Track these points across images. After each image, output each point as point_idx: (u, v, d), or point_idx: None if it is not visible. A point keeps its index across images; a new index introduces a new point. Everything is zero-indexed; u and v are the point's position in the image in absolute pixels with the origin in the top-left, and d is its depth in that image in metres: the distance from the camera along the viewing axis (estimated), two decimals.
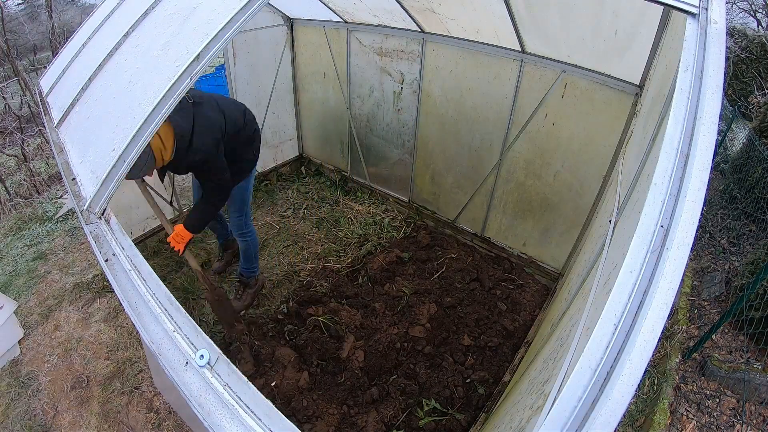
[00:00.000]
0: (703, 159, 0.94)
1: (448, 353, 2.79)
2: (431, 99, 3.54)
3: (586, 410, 0.71)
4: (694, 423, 2.54)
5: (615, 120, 2.58)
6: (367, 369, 2.68)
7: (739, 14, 9.43)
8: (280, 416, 0.86)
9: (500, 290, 3.32)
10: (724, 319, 2.72)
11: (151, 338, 1.02)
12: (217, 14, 1.47)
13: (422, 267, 3.54)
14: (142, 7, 1.84)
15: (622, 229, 1.34)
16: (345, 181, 4.77)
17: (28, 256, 3.90)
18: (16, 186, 6.68)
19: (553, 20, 2.41)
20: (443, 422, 2.41)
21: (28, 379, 2.80)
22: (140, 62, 1.61)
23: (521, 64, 2.88)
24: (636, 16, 1.98)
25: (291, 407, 2.41)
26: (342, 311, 2.98)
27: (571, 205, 3.05)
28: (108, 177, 1.35)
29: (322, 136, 4.82)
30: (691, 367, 2.88)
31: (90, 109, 1.68)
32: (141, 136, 1.36)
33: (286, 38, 4.35)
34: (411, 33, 3.40)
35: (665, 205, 0.90)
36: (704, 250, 4.13)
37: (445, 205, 3.95)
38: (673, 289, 0.79)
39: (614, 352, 0.76)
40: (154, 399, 2.63)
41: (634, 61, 2.27)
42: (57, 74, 2.06)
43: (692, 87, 1.06)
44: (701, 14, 1.21)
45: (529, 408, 1.32)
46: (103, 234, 1.28)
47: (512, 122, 3.09)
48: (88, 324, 3.15)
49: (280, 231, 4.02)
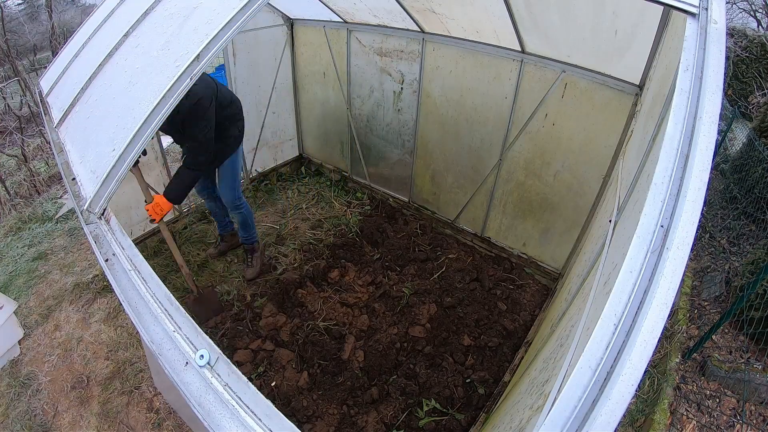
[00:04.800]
0: (703, 159, 0.94)
1: (448, 353, 2.79)
2: (431, 99, 3.54)
3: (586, 410, 0.71)
4: (694, 423, 2.54)
5: (615, 120, 2.58)
6: (367, 369, 2.68)
7: (739, 14, 9.44)
8: (280, 416, 0.86)
9: (500, 290, 3.32)
10: (724, 319, 2.71)
11: (151, 338, 1.02)
12: (217, 14, 1.47)
13: (422, 267, 3.54)
14: (142, 7, 1.84)
15: (622, 229, 1.34)
16: (345, 181, 4.77)
17: (28, 256, 3.90)
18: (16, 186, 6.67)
19: (553, 20, 2.41)
20: (443, 422, 2.41)
21: (28, 379, 2.80)
22: (140, 62, 1.61)
23: (521, 64, 2.88)
24: (636, 16, 1.98)
25: (291, 407, 2.41)
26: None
27: (571, 205, 3.05)
28: (108, 177, 1.35)
29: (322, 136, 4.82)
30: (691, 367, 2.87)
31: (90, 109, 1.68)
32: (141, 136, 1.36)
33: (286, 38, 4.35)
34: (411, 33, 3.40)
35: (665, 205, 0.90)
36: (704, 250, 4.13)
37: (445, 205, 3.95)
38: (673, 289, 0.79)
39: (614, 352, 0.76)
40: (154, 399, 2.63)
41: (634, 61, 2.27)
42: (57, 74, 2.06)
43: (692, 87, 1.06)
44: (701, 14, 1.21)
45: (529, 408, 1.32)
46: (103, 234, 1.28)
47: (512, 122, 3.09)
48: (88, 324, 3.14)
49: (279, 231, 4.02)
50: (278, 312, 3.02)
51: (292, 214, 4.26)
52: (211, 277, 3.45)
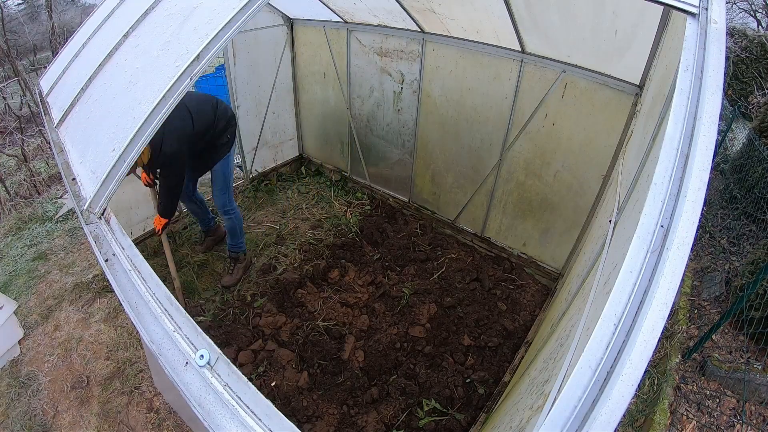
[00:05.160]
0: (703, 159, 0.94)
1: (448, 353, 2.79)
2: (431, 99, 3.54)
3: (586, 410, 0.71)
4: (694, 423, 2.54)
5: (615, 120, 2.58)
6: (367, 369, 2.68)
7: (739, 14, 9.44)
8: (280, 416, 0.86)
9: (500, 290, 3.32)
10: (724, 319, 2.71)
11: (151, 338, 1.02)
12: (217, 14, 1.47)
13: (422, 267, 3.54)
14: (142, 7, 1.84)
15: (622, 229, 1.34)
16: (345, 181, 4.77)
17: (28, 256, 3.90)
18: (16, 186, 6.67)
19: (553, 20, 2.41)
20: (443, 422, 2.41)
21: (28, 379, 2.80)
22: (140, 62, 1.61)
23: (521, 64, 2.88)
24: (636, 16, 1.98)
25: (291, 407, 2.42)
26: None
27: (571, 205, 3.05)
28: (108, 177, 1.35)
29: (322, 136, 4.82)
30: (691, 367, 2.87)
31: (90, 109, 1.68)
32: (141, 136, 1.36)
33: (286, 38, 4.35)
34: (411, 33, 3.40)
35: (665, 205, 0.90)
36: (704, 250, 4.13)
37: (445, 205, 3.95)
38: (673, 289, 0.79)
39: (614, 352, 0.76)
40: (154, 399, 2.63)
41: (634, 61, 2.27)
42: (57, 74, 2.06)
43: (692, 87, 1.06)
44: (701, 14, 1.21)
45: (529, 408, 1.32)
46: (103, 234, 1.28)
47: (512, 122, 3.09)
48: (88, 324, 3.15)
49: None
50: (278, 312, 3.02)
51: (292, 214, 4.27)
52: (211, 276, 3.45)
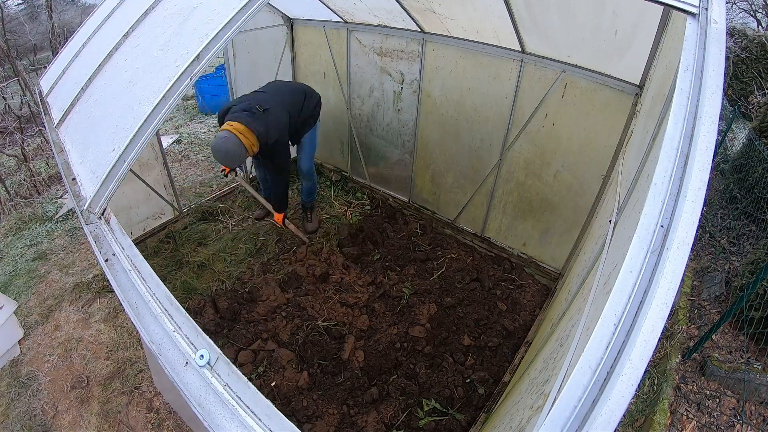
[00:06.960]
0: (703, 159, 0.94)
1: (448, 353, 2.79)
2: (431, 99, 3.54)
3: (586, 410, 0.71)
4: (694, 423, 2.54)
5: (615, 120, 2.58)
6: (367, 369, 2.68)
7: (739, 14, 9.43)
8: (280, 416, 0.86)
9: (500, 290, 3.32)
10: (724, 319, 2.71)
11: (151, 338, 1.02)
12: (217, 14, 1.47)
13: (422, 267, 3.54)
14: (142, 7, 1.84)
15: (622, 229, 1.34)
16: (345, 180, 4.76)
17: (28, 256, 3.90)
18: (16, 186, 6.66)
19: (553, 20, 2.41)
20: (443, 422, 2.41)
21: (28, 379, 2.80)
22: (140, 62, 1.61)
23: (521, 64, 2.88)
24: (636, 16, 1.98)
25: (291, 407, 2.42)
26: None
27: (571, 205, 3.05)
28: (108, 177, 1.35)
29: (321, 135, 4.80)
30: (691, 367, 2.87)
31: (90, 109, 1.68)
32: (141, 136, 1.36)
33: (286, 38, 4.35)
34: (411, 33, 3.40)
35: (665, 205, 0.90)
36: (704, 250, 4.13)
37: (445, 205, 3.95)
38: (673, 289, 0.79)
39: (614, 352, 0.76)
40: (154, 399, 2.63)
41: (634, 61, 2.27)
42: (57, 74, 2.06)
43: (692, 87, 1.06)
44: (701, 14, 1.21)
45: (529, 408, 1.32)
46: (103, 234, 1.28)
47: (512, 122, 3.09)
48: (88, 324, 3.15)
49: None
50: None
51: (293, 214, 4.27)
52: (211, 276, 3.45)
